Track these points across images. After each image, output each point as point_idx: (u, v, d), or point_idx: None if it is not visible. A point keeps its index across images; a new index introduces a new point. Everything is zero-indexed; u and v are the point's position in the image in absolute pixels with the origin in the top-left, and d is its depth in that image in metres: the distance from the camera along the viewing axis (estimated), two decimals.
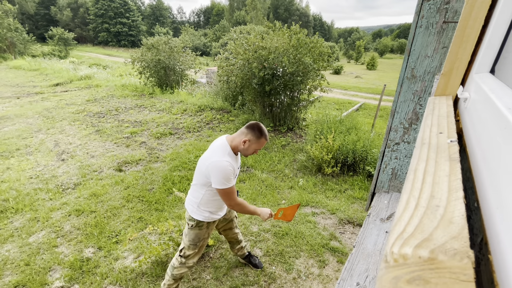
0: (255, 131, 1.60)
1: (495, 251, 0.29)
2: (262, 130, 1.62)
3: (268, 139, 1.67)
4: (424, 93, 1.27)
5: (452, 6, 1.11)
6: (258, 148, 1.65)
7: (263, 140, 1.63)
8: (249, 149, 1.63)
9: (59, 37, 27.35)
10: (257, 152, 1.69)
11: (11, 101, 8.54)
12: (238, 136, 1.63)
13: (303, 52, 5.31)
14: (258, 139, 1.61)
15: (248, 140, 1.60)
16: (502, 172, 0.31)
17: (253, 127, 1.61)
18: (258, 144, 1.63)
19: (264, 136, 1.62)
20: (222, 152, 1.58)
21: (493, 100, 0.40)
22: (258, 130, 1.61)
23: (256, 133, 1.60)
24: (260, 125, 1.63)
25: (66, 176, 4.01)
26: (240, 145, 1.62)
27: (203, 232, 1.82)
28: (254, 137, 1.60)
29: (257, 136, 1.60)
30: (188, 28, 48.44)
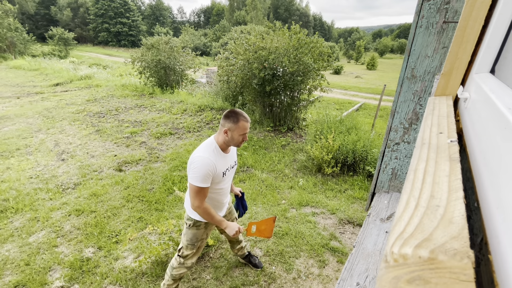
0: (231, 118, 1.54)
1: (495, 251, 0.29)
2: (237, 113, 1.55)
3: (249, 119, 1.59)
4: (424, 93, 1.27)
5: (452, 6, 1.11)
6: (243, 132, 1.57)
7: (243, 122, 1.55)
8: (234, 137, 1.57)
9: (59, 37, 27.34)
10: (246, 138, 1.62)
11: (11, 101, 8.54)
12: (219, 131, 1.60)
13: (304, 52, 5.32)
14: (236, 123, 1.53)
15: (228, 129, 1.55)
16: (502, 172, 0.31)
17: (227, 115, 1.56)
18: (240, 129, 1.55)
19: (242, 119, 1.54)
20: (205, 148, 1.56)
21: (493, 100, 0.40)
22: (233, 115, 1.54)
23: (232, 119, 1.54)
24: (234, 110, 1.56)
25: (66, 176, 4.01)
26: (224, 138, 1.58)
27: (200, 232, 1.80)
28: (232, 124, 1.53)
29: (234, 121, 1.53)
30: (188, 28, 48.43)
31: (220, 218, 1.65)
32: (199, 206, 1.56)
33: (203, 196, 1.55)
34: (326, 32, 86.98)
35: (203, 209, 1.58)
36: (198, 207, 1.56)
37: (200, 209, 1.57)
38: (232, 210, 2.13)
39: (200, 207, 1.56)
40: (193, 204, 1.56)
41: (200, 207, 1.56)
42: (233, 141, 1.59)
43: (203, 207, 1.57)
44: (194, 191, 1.52)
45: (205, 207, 1.58)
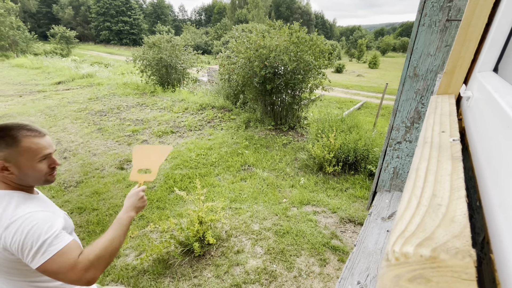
0: (0, 141, 0.85)
1: (497, 250, 0.28)
2: (10, 129, 0.87)
3: (40, 130, 0.93)
4: (426, 92, 1.27)
5: (455, 4, 1.11)
6: (39, 155, 0.90)
7: (28, 139, 0.88)
8: (27, 170, 0.88)
9: (61, 36, 27.40)
10: (54, 160, 0.97)
11: (13, 99, 8.58)
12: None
13: (304, 49, 5.30)
14: (14, 146, 0.86)
15: (3, 160, 0.85)
16: (505, 171, 0.31)
17: None
18: (29, 152, 0.88)
19: (22, 134, 0.88)
20: (6, 207, 0.83)
21: (496, 99, 0.40)
22: (3, 134, 0.86)
23: (5, 142, 0.85)
24: (1, 127, 0.87)
25: (68, 174, 4.03)
26: (9, 178, 0.88)
27: None
28: (8, 149, 0.85)
29: (8, 143, 0.85)
30: (189, 26, 48.42)
31: (120, 224, 0.97)
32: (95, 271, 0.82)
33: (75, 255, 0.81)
34: (328, 30, 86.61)
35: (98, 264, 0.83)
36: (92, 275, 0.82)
37: (98, 270, 0.83)
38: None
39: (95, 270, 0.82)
40: (81, 276, 0.79)
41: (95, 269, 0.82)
42: (30, 177, 0.90)
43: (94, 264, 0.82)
44: (64, 258, 0.79)
45: (96, 256, 0.83)
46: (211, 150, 4.89)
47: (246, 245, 2.70)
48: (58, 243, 0.80)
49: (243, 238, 2.79)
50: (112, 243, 0.88)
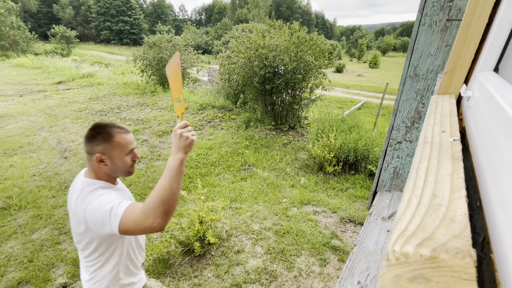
0: (98, 137, 1.03)
1: (497, 250, 0.28)
2: (105, 127, 1.05)
3: (128, 129, 1.11)
4: (426, 92, 1.27)
5: (456, 4, 1.10)
6: (126, 150, 1.06)
7: (120, 135, 1.05)
8: (117, 162, 1.06)
9: (61, 35, 27.42)
10: (136, 155, 1.11)
11: (14, 99, 8.58)
12: (89, 163, 1.07)
13: (304, 49, 5.30)
14: (109, 141, 1.03)
15: (101, 154, 1.03)
16: (505, 171, 0.31)
17: (91, 136, 1.04)
18: (120, 146, 1.05)
19: (115, 131, 1.05)
20: (87, 193, 1.00)
21: (497, 99, 0.40)
22: (101, 131, 1.04)
23: (102, 137, 1.03)
24: (97, 125, 1.06)
25: (69, 173, 4.03)
26: (101, 167, 1.05)
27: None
28: (104, 144, 1.03)
29: (105, 139, 1.03)
30: (190, 26, 48.44)
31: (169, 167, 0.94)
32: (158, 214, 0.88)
33: (142, 208, 0.91)
34: (328, 30, 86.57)
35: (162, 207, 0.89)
36: (160, 215, 0.88)
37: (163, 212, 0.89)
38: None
39: (159, 212, 0.88)
40: (154, 222, 0.88)
41: (159, 211, 0.88)
42: (119, 168, 1.08)
43: (158, 207, 0.89)
44: (133, 217, 0.90)
45: (156, 202, 0.89)
46: (212, 150, 4.89)
47: (246, 244, 2.70)
48: (122, 205, 0.92)
49: (243, 238, 2.79)
50: (167, 187, 0.90)
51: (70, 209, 1.04)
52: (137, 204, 0.94)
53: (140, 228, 0.89)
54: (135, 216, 0.89)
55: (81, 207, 0.97)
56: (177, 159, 0.92)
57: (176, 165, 0.92)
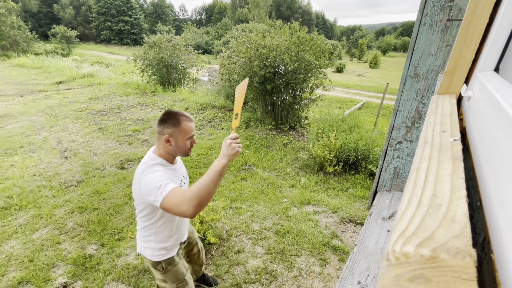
0: (169, 121, 1.27)
1: (498, 250, 0.28)
2: (176, 114, 1.28)
3: (192, 118, 1.32)
4: (427, 92, 1.27)
5: (456, 4, 1.10)
6: (188, 135, 1.29)
7: (185, 123, 1.28)
8: (179, 144, 1.29)
9: (61, 35, 27.43)
10: (194, 140, 1.34)
11: (14, 99, 8.59)
12: (158, 142, 1.31)
13: (305, 49, 5.30)
14: (177, 126, 1.26)
15: (169, 135, 1.27)
16: (505, 171, 0.31)
17: (163, 119, 1.28)
18: (184, 132, 1.28)
19: (183, 119, 1.28)
20: (148, 167, 1.24)
21: (497, 99, 0.40)
22: (172, 116, 1.28)
23: (172, 122, 1.27)
24: (170, 111, 1.30)
25: (69, 173, 4.04)
26: (167, 147, 1.29)
27: (181, 266, 1.51)
28: (172, 128, 1.27)
29: (174, 124, 1.27)
30: (190, 26, 48.42)
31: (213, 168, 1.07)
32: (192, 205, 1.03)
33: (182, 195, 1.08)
34: (329, 30, 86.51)
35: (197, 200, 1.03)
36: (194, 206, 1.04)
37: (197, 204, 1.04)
38: (194, 229, 1.88)
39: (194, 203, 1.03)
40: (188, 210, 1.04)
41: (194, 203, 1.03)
42: (180, 149, 1.31)
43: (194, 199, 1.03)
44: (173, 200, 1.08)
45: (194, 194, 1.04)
46: (212, 150, 4.89)
47: (246, 244, 2.70)
48: (169, 187, 1.12)
49: (244, 238, 2.79)
50: (205, 185, 1.04)
51: (135, 176, 1.28)
52: (180, 189, 1.11)
53: (176, 210, 1.07)
54: (175, 200, 1.07)
55: (139, 177, 1.22)
56: (221, 164, 1.07)
57: (219, 169, 1.07)
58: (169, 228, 1.40)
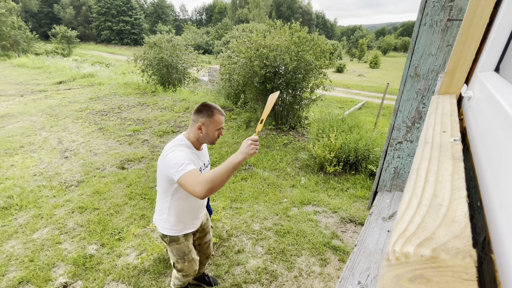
0: (204, 112, 1.42)
1: (498, 250, 0.28)
2: (211, 107, 1.43)
3: (223, 112, 1.47)
4: (427, 92, 1.26)
5: (456, 4, 1.10)
6: (218, 126, 1.45)
7: (218, 115, 1.43)
8: (209, 133, 1.45)
9: (62, 35, 27.45)
10: (221, 132, 1.49)
11: (15, 99, 8.60)
12: (191, 127, 1.47)
13: (305, 49, 5.30)
14: (211, 117, 1.42)
15: (202, 124, 1.42)
16: (506, 171, 0.31)
17: (199, 109, 1.43)
18: (215, 123, 1.43)
19: (216, 112, 1.43)
20: (175, 146, 1.41)
21: (498, 99, 0.40)
22: (207, 108, 1.43)
23: (206, 113, 1.42)
24: (206, 104, 1.45)
25: (70, 173, 4.04)
26: (198, 134, 1.45)
27: (184, 246, 1.65)
28: (206, 118, 1.42)
29: (208, 115, 1.42)
30: (190, 26, 48.40)
31: (226, 163, 1.20)
32: (204, 188, 1.16)
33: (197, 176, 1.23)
34: (329, 30, 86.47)
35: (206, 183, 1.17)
36: (205, 189, 1.16)
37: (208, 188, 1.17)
38: (209, 218, 1.97)
39: (206, 187, 1.16)
40: (200, 192, 1.17)
41: (206, 186, 1.16)
42: (208, 137, 1.47)
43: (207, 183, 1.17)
44: (190, 179, 1.22)
45: (208, 179, 1.17)
46: (212, 150, 4.89)
47: (246, 244, 2.70)
48: (189, 167, 1.27)
49: (244, 238, 2.79)
50: (219, 174, 1.17)
51: (163, 151, 1.44)
52: (197, 172, 1.27)
53: (190, 189, 1.21)
54: (191, 179, 1.22)
55: (166, 152, 1.39)
56: (237, 159, 1.20)
57: (234, 162, 1.19)
58: (183, 206, 1.54)
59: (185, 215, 1.58)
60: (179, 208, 1.54)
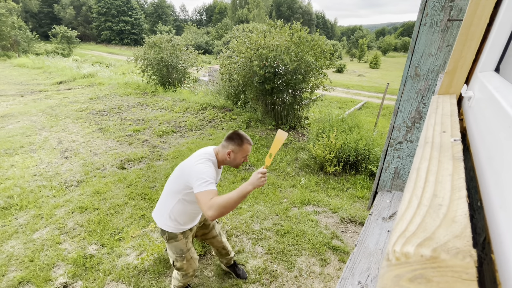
0: (235, 140, 1.55)
1: (498, 250, 0.28)
2: (242, 137, 1.57)
3: (252, 142, 1.61)
4: (427, 92, 1.26)
5: (457, 4, 1.10)
6: (245, 155, 1.59)
7: (247, 145, 1.57)
8: (236, 159, 1.58)
9: (62, 35, 27.45)
10: (247, 159, 1.63)
11: (15, 99, 8.60)
12: (221, 150, 1.58)
13: (305, 49, 5.29)
14: (240, 146, 1.56)
15: (231, 151, 1.55)
16: (506, 171, 0.31)
17: (231, 137, 1.56)
18: (243, 151, 1.57)
19: (246, 142, 1.57)
20: (206, 159, 1.50)
21: (498, 99, 0.40)
22: (238, 137, 1.56)
23: (237, 141, 1.55)
24: (238, 132, 1.58)
25: (70, 173, 4.04)
26: (225, 158, 1.57)
27: (182, 243, 1.72)
28: (236, 146, 1.55)
29: (238, 144, 1.55)
30: (190, 26, 48.42)
31: (237, 190, 1.34)
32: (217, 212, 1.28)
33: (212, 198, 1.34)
34: (329, 30, 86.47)
35: (217, 208, 1.28)
36: (217, 214, 1.29)
37: (220, 213, 1.29)
38: None
39: (218, 212, 1.28)
40: (212, 215, 1.28)
41: (219, 211, 1.28)
42: (234, 162, 1.60)
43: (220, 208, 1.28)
44: (207, 198, 1.31)
45: (221, 205, 1.28)
46: None
47: (246, 245, 2.70)
48: (210, 186, 1.35)
49: (244, 238, 2.79)
50: (231, 200, 1.30)
51: (192, 156, 1.56)
52: (215, 194, 1.35)
53: (203, 207, 1.31)
54: (207, 199, 1.31)
55: (196, 160, 1.48)
56: (247, 189, 1.34)
57: (244, 192, 1.33)
58: (185, 210, 1.62)
59: (185, 217, 1.65)
60: (181, 211, 1.61)
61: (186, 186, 1.50)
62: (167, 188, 1.64)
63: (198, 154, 1.54)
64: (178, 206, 1.59)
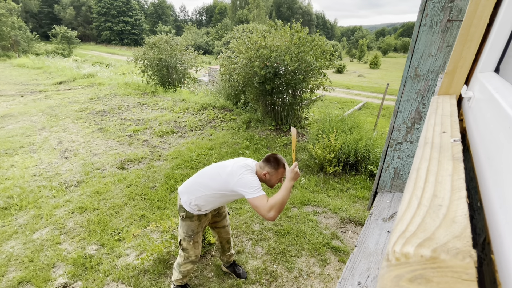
0: (272, 163, 1.68)
1: (498, 250, 0.28)
2: (278, 161, 1.69)
3: (287, 165, 1.70)
4: (427, 92, 1.26)
5: (456, 4, 1.10)
6: (280, 177, 1.71)
7: (282, 169, 1.69)
8: (271, 181, 1.70)
9: (62, 36, 27.46)
10: (281, 181, 1.74)
11: (15, 99, 8.60)
12: (259, 169, 1.71)
13: (305, 50, 5.30)
14: (276, 170, 1.68)
15: (267, 173, 1.68)
16: (506, 172, 0.31)
17: (268, 160, 1.69)
18: (279, 174, 1.69)
19: (281, 166, 1.69)
20: (251, 170, 1.66)
21: (498, 100, 0.40)
22: (275, 161, 1.68)
23: (273, 165, 1.68)
24: (275, 156, 1.70)
25: (69, 173, 4.04)
26: (262, 177, 1.69)
27: (195, 224, 1.84)
28: (272, 169, 1.68)
29: (274, 167, 1.68)
30: (190, 26, 48.45)
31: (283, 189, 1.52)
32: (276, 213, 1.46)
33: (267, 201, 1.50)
34: (329, 30, 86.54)
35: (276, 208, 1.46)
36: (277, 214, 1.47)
37: (279, 212, 1.48)
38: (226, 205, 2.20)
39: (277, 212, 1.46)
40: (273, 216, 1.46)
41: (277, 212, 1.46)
42: (269, 183, 1.72)
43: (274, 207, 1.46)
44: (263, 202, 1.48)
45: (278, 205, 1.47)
46: (212, 150, 4.89)
47: (246, 245, 2.70)
48: (261, 192, 1.53)
49: (244, 238, 2.79)
50: (284, 198, 1.48)
51: (235, 163, 1.68)
52: (267, 198, 1.51)
53: (261, 211, 1.47)
54: (262, 204, 1.48)
55: (240, 171, 1.61)
56: (290, 184, 1.54)
57: (290, 188, 1.53)
58: (212, 201, 1.74)
59: (209, 205, 1.78)
60: (209, 201, 1.74)
61: (227, 188, 1.65)
62: (202, 178, 1.75)
63: (242, 164, 1.66)
64: (206, 197, 1.71)
